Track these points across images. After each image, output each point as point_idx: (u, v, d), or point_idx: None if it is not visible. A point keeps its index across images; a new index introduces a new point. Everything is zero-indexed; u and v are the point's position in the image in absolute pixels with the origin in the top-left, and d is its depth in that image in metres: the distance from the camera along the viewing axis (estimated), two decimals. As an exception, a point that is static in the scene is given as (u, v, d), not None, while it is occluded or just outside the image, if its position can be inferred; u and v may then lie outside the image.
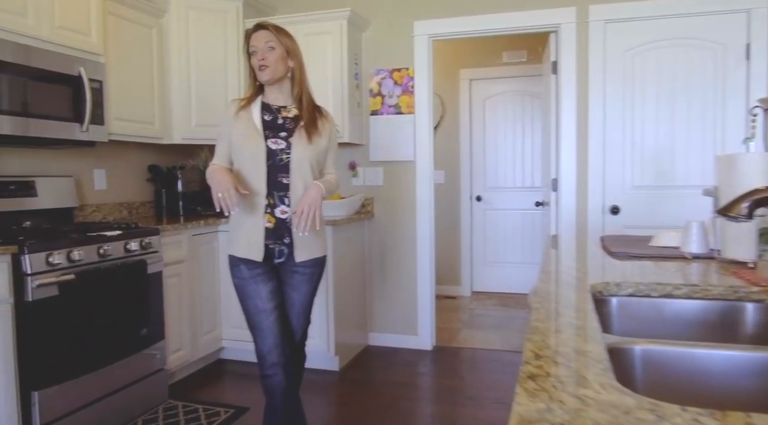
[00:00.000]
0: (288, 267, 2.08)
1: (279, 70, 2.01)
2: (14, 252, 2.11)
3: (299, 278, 2.09)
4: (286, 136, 2.02)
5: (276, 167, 2.00)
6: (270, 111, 2.05)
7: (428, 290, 3.68)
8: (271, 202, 2.00)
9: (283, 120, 2.05)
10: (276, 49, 2.00)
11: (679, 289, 1.22)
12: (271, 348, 1.99)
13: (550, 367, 0.70)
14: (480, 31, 3.49)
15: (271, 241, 2.02)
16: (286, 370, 2.00)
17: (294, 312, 2.13)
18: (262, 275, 2.02)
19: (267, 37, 2.01)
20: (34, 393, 2.15)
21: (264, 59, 1.99)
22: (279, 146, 2.00)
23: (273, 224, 2.00)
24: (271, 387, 2.00)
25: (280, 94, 2.07)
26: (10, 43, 2.31)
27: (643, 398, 0.60)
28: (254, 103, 2.06)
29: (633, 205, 3.28)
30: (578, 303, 1.07)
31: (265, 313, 2.01)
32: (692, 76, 3.18)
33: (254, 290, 2.01)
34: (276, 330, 2.01)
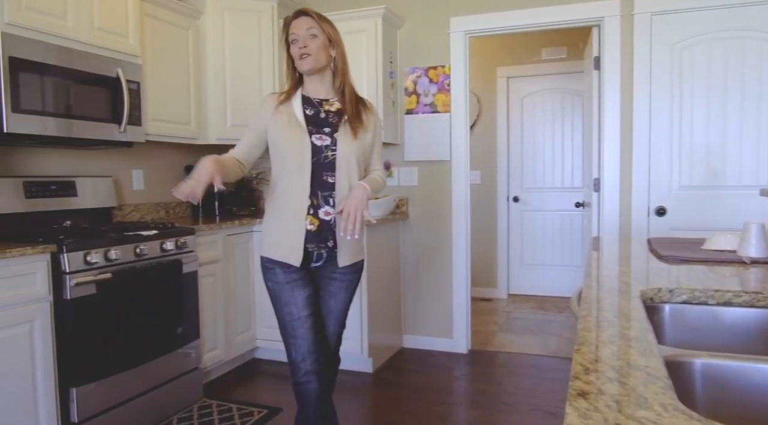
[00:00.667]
0: (326, 273, 1.97)
1: (321, 60, 1.88)
2: (53, 251, 2.15)
3: (338, 285, 1.99)
4: (331, 131, 1.89)
5: (320, 165, 1.86)
6: (311, 105, 1.93)
7: (464, 292, 3.60)
8: (314, 202, 1.86)
9: (325, 114, 1.92)
10: (318, 37, 1.87)
11: (740, 296, 1.13)
12: (305, 355, 1.90)
13: (602, 383, 0.63)
14: (519, 27, 3.39)
15: (313, 244, 1.88)
16: (320, 377, 1.91)
17: (331, 319, 2.04)
18: (298, 281, 1.90)
19: (309, 24, 1.87)
20: (72, 390, 2.18)
21: (306, 47, 1.85)
22: (324, 143, 1.87)
23: (316, 226, 1.86)
24: (304, 394, 1.91)
25: (321, 86, 1.94)
26: (51, 46, 2.35)
27: (713, 422, 0.53)
28: (294, 96, 1.93)
29: (680, 206, 3.13)
30: (628, 311, 0.99)
31: (300, 321, 1.90)
32: (746, 71, 3.01)
33: (290, 297, 1.90)
34: (311, 337, 1.91)
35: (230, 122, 3.42)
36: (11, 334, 2.02)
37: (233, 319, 3.17)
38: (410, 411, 2.73)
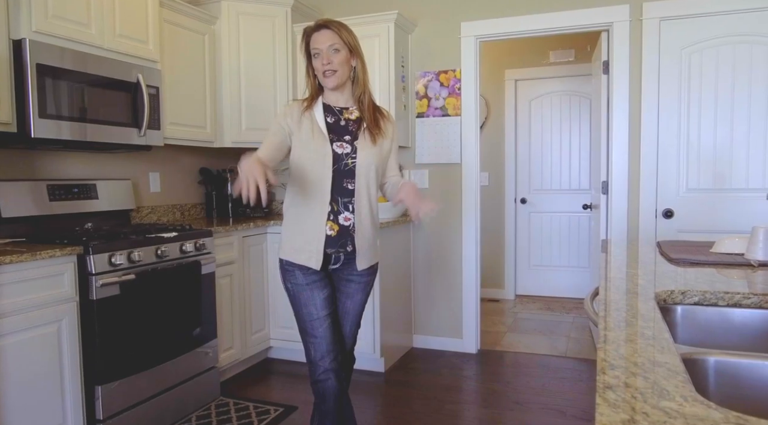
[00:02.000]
0: (344, 275, 2.04)
1: (344, 74, 1.94)
2: (80, 253, 2.21)
3: (355, 287, 2.06)
4: (351, 139, 1.95)
5: (341, 172, 1.92)
6: (332, 113, 1.98)
7: (473, 293, 3.66)
8: (335, 208, 1.93)
9: (346, 122, 1.98)
10: (341, 51, 1.90)
11: (749, 298, 1.18)
12: (324, 354, 1.97)
13: (626, 377, 0.69)
14: (529, 32, 3.45)
15: (333, 249, 1.95)
16: (338, 375, 1.98)
17: (348, 320, 2.11)
18: (318, 283, 1.97)
19: (331, 39, 1.90)
20: (97, 388, 2.25)
21: (330, 64, 1.89)
22: (344, 150, 1.93)
23: (336, 231, 1.93)
24: (323, 391, 1.98)
25: (341, 95, 1.99)
26: (75, 53, 2.42)
27: (729, 411, 0.59)
28: (316, 105, 1.98)
29: (688, 209, 3.18)
30: (645, 312, 1.04)
31: (319, 321, 1.97)
32: (754, 76, 3.06)
33: (309, 298, 1.97)
34: (329, 336, 1.98)
35: (245, 125, 3.49)
36: (41, 333, 2.09)
37: (248, 319, 3.23)
38: (423, 409, 2.79)
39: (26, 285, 2.03)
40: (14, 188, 2.48)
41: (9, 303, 1.97)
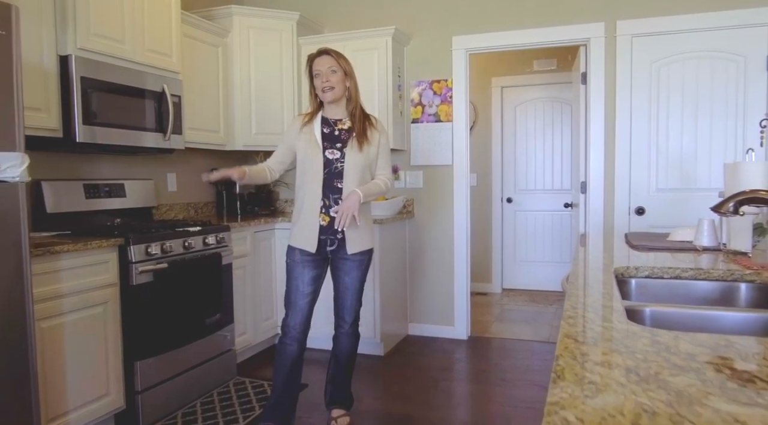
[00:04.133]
0: (340, 255, 2.46)
1: (340, 91, 2.40)
2: (121, 244, 2.50)
3: (350, 264, 2.48)
4: (341, 146, 2.40)
5: (332, 174, 2.38)
6: (328, 124, 2.45)
7: (464, 284, 3.99)
8: (326, 203, 2.38)
9: (339, 132, 2.43)
10: (337, 72, 2.39)
11: (686, 272, 1.52)
12: (297, 324, 2.44)
13: (583, 312, 1.02)
14: (514, 45, 3.79)
15: (325, 236, 2.40)
16: (301, 344, 2.46)
17: (348, 294, 2.53)
18: (310, 263, 2.42)
19: (330, 63, 2.38)
20: (136, 363, 2.54)
21: (328, 81, 2.37)
22: (334, 156, 2.39)
23: (327, 222, 2.39)
24: (284, 353, 2.45)
25: (338, 108, 2.46)
26: (112, 66, 2.71)
27: (645, 327, 0.92)
28: (316, 118, 2.45)
29: (657, 206, 3.54)
30: (604, 280, 1.38)
31: (302, 294, 2.42)
32: (715, 87, 3.43)
33: (300, 273, 2.42)
34: (306, 310, 2.45)
35: (255, 129, 3.79)
36: (89, 314, 2.37)
37: (259, 307, 3.53)
38: (419, 386, 3.11)
39: (79, 271, 2.32)
40: (57, 187, 2.76)
41: (66, 286, 2.26)
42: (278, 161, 2.53)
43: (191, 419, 2.66)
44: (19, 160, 1.82)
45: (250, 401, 2.87)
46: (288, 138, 2.50)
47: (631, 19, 3.51)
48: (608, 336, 0.88)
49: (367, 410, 2.80)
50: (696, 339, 0.85)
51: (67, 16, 2.52)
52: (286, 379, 2.46)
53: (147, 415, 2.59)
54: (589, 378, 0.69)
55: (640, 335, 0.88)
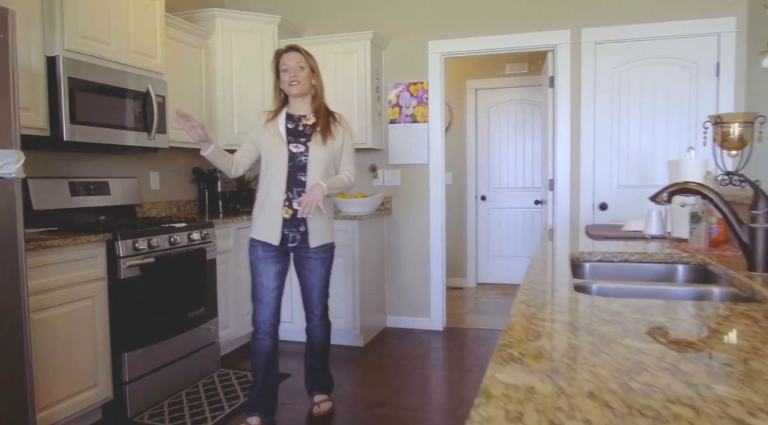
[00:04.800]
0: (303, 254, 2.53)
1: (306, 86, 2.48)
2: (109, 239, 2.60)
3: (314, 262, 2.55)
4: (305, 141, 2.46)
5: (296, 167, 2.43)
6: (293, 120, 2.50)
7: (440, 277, 4.16)
8: (290, 196, 2.43)
9: (303, 127, 2.49)
10: (305, 69, 2.47)
11: (633, 256, 1.70)
12: (266, 318, 2.51)
13: (536, 286, 1.18)
14: (487, 50, 3.98)
15: (288, 229, 2.45)
16: (273, 337, 2.54)
17: (314, 291, 2.62)
18: (273, 258, 2.47)
19: (298, 59, 2.46)
20: (124, 355, 2.64)
21: (295, 77, 2.44)
22: (299, 150, 2.45)
23: (290, 214, 2.44)
24: (259, 348, 2.53)
25: (302, 105, 2.52)
26: (98, 67, 2.80)
27: (587, 296, 1.08)
28: (280, 114, 2.51)
29: (619, 202, 3.76)
30: (559, 263, 1.55)
31: (268, 289, 2.48)
32: (671, 91, 3.66)
33: (264, 269, 2.47)
34: (273, 305, 2.51)
35: (237, 129, 3.90)
36: (79, 307, 2.47)
37: (241, 302, 3.64)
38: (397, 373, 3.27)
39: (68, 265, 2.41)
40: (43, 185, 2.84)
41: (56, 280, 2.36)
42: (243, 156, 2.56)
43: (177, 408, 2.77)
44: (16, 157, 1.92)
45: (235, 390, 2.99)
46: (253, 135, 2.55)
47: (595, 27, 3.73)
48: (554, 301, 1.05)
49: (347, 396, 2.94)
50: (625, 302, 1.02)
51: (55, 18, 2.61)
52: (264, 372, 2.55)
53: (134, 405, 2.69)
54: (534, 329, 0.85)
55: (580, 300, 1.05)
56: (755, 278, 1.29)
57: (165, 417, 2.66)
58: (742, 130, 2.27)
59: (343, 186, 2.56)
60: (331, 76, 3.93)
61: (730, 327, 0.88)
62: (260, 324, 2.52)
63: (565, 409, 0.56)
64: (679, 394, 0.60)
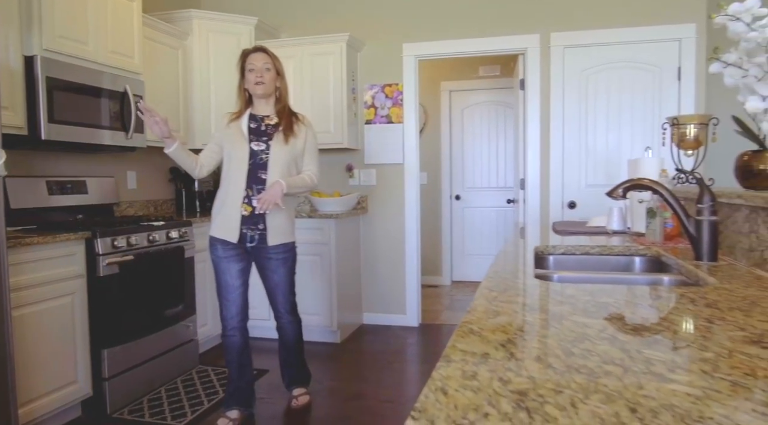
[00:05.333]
0: (263, 254, 2.53)
1: (270, 88, 2.52)
2: (88, 237, 2.63)
3: (275, 262, 2.55)
4: (267, 140, 2.48)
5: (257, 165, 2.45)
6: (255, 120, 2.53)
7: (415, 275, 4.26)
8: (249, 194, 2.44)
9: (265, 127, 2.52)
10: (271, 70, 2.51)
11: (594, 249, 1.82)
12: (233, 315, 2.55)
13: (501, 274, 1.28)
14: (460, 53, 4.09)
15: (246, 227, 2.45)
16: (243, 333, 2.58)
17: (279, 290, 2.63)
18: (234, 257, 2.49)
19: (265, 60, 2.50)
20: (103, 351, 2.66)
21: (261, 77, 2.48)
22: (260, 148, 2.47)
23: (249, 212, 2.44)
24: (230, 345, 2.58)
25: (266, 106, 2.56)
26: (76, 67, 2.82)
27: (545, 282, 1.18)
28: (243, 115, 2.53)
29: (587, 200, 3.91)
30: (524, 254, 1.65)
31: (232, 287, 2.52)
32: (635, 93, 3.82)
33: (226, 268, 2.49)
34: (239, 302, 2.54)
35: (214, 129, 3.90)
36: (58, 304, 2.49)
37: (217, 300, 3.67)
38: (373, 367, 3.35)
39: (48, 263, 2.44)
40: (20, 184, 2.85)
41: (36, 277, 2.38)
42: (207, 156, 2.57)
43: (157, 404, 2.80)
44: (-2, 155, 1.95)
45: (214, 386, 3.04)
46: (216, 135, 2.58)
47: (563, 32, 3.87)
48: (515, 287, 1.14)
49: (325, 390, 3.01)
50: (578, 287, 1.12)
51: (33, 17, 2.62)
52: (238, 367, 2.60)
53: (114, 401, 2.72)
54: (493, 310, 0.95)
55: (539, 286, 1.15)
56: (701, 267, 1.41)
57: (144, 413, 2.69)
58: (698, 131, 2.40)
59: (304, 185, 2.57)
60: (308, 78, 4.00)
61: (667, 306, 0.98)
62: (228, 321, 2.55)
63: (513, 369, 0.65)
64: (613, 357, 0.69)
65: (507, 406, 0.54)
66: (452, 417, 0.52)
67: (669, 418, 0.51)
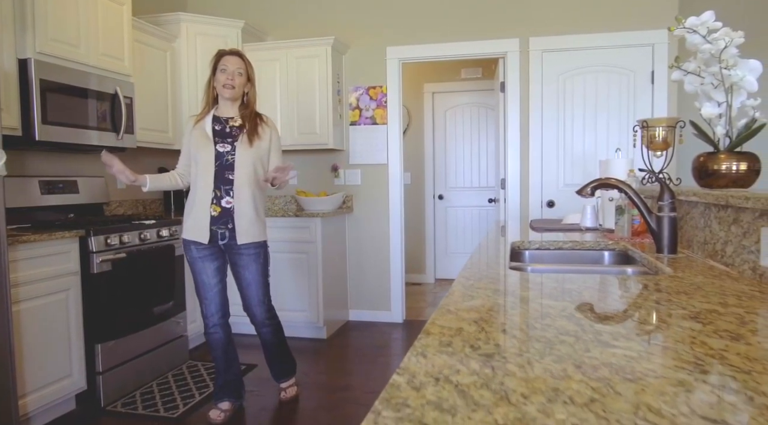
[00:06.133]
0: (235, 250, 2.58)
1: (239, 92, 2.58)
2: (82, 235, 2.70)
3: (246, 259, 2.60)
4: (232, 141, 2.55)
5: (223, 166, 2.52)
6: (219, 122, 2.59)
7: (399, 272, 4.37)
8: (217, 194, 2.50)
9: (230, 129, 2.58)
10: (243, 75, 2.58)
11: (567, 244, 1.95)
12: (213, 312, 2.62)
13: (478, 263, 1.40)
14: (442, 56, 4.21)
15: (216, 226, 2.52)
16: (224, 329, 2.66)
17: (251, 287, 2.65)
18: (209, 256, 2.57)
19: (239, 64, 2.56)
20: (97, 346, 2.74)
21: (232, 80, 2.53)
22: (226, 149, 2.53)
23: (218, 212, 2.51)
24: (213, 341, 2.66)
25: (231, 108, 2.61)
26: (68, 69, 2.89)
27: (519, 272, 1.30)
28: (207, 117, 2.59)
29: (565, 199, 4.05)
30: (500, 249, 1.77)
31: (210, 286, 2.60)
32: (610, 96, 3.98)
33: (202, 268, 2.57)
34: (218, 299, 2.62)
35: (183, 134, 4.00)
36: (54, 300, 2.56)
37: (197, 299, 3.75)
38: (359, 361, 3.46)
39: (44, 260, 2.51)
40: (14, 183, 2.90)
41: (31, 274, 2.45)
42: (184, 164, 2.64)
43: (149, 397, 2.88)
44: None
45: (204, 380, 3.12)
46: (184, 140, 2.64)
47: (542, 37, 4.01)
48: (489, 276, 1.26)
49: (312, 383, 3.11)
50: (547, 276, 1.25)
51: (27, 21, 2.69)
52: (225, 361, 2.68)
53: (107, 395, 2.79)
54: (469, 294, 1.06)
55: (511, 275, 1.27)
56: (661, 259, 1.54)
57: (138, 406, 2.77)
58: (666, 133, 2.55)
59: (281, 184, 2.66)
60: (294, 80, 4.09)
61: (623, 291, 1.11)
62: (209, 318, 2.63)
63: (482, 339, 0.76)
64: (568, 330, 0.81)
65: (475, 365, 0.66)
66: (430, 373, 0.63)
67: (606, 372, 0.63)
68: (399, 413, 0.52)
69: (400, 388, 0.59)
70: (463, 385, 0.59)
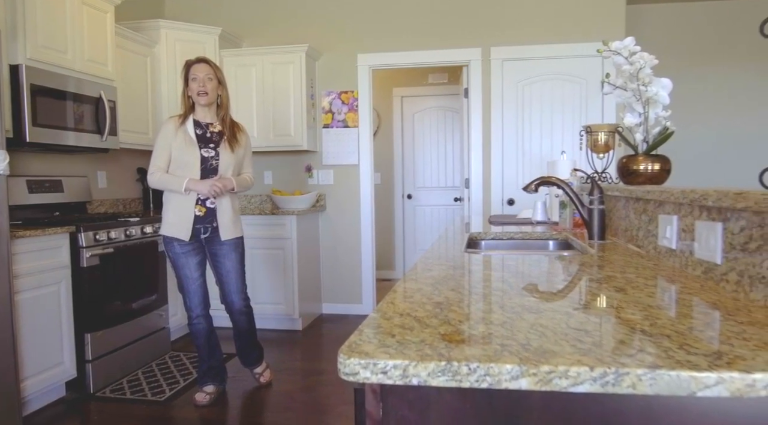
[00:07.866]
0: (215, 243, 2.81)
1: (213, 96, 2.75)
2: (72, 231, 2.87)
3: (227, 248, 2.82)
4: (214, 146, 2.75)
5: (207, 170, 2.72)
6: (200, 126, 2.76)
7: (370, 267, 4.63)
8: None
9: (210, 134, 2.77)
10: (213, 80, 2.74)
11: (517, 235, 2.23)
12: (196, 304, 2.82)
13: (437, 253, 1.66)
14: (409, 64, 4.49)
15: (200, 225, 2.74)
16: (207, 319, 2.86)
17: (231, 277, 2.87)
18: (191, 251, 2.75)
19: (207, 71, 2.72)
20: (87, 335, 2.91)
21: (204, 87, 2.70)
22: (210, 154, 2.73)
23: (203, 212, 2.73)
24: (196, 331, 2.85)
25: (208, 113, 2.79)
26: (56, 74, 3.05)
27: (471, 254, 1.57)
28: (188, 121, 2.75)
29: (523, 197, 4.37)
30: (459, 239, 2.04)
31: (192, 279, 2.79)
32: (565, 102, 4.32)
33: (185, 263, 2.75)
34: (200, 292, 2.82)
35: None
36: (46, 292, 2.73)
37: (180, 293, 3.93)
38: (332, 349, 3.70)
39: (36, 254, 2.67)
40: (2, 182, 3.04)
41: (26, 267, 2.61)
42: (166, 162, 2.73)
43: (136, 384, 3.06)
44: (2, 156, 2.19)
45: (187, 368, 3.31)
46: (166, 141, 2.71)
47: (502, 46, 4.33)
48: (446, 256, 1.53)
49: (288, 369, 3.34)
50: (495, 257, 1.52)
51: (17, 29, 2.84)
52: (207, 348, 2.87)
53: (96, 382, 2.96)
54: (428, 268, 1.32)
55: (463, 256, 1.54)
56: (592, 244, 1.83)
57: (126, 392, 2.95)
58: (607, 138, 2.88)
59: (246, 186, 2.88)
60: (269, 85, 4.31)
61: (551, 266, 1.39)
62: (192, 310, 2.82)
63: (435, 294, 1.02)
64: (501, 288, 1.08)
65: (429, 308, 0.91)
66: (397, 312, 0.89)
67: (519, 309, 0.89)
68: (375, 330, 0.78)
69: (375, 319, 0.84)
70: (419, 317, 0.85)
